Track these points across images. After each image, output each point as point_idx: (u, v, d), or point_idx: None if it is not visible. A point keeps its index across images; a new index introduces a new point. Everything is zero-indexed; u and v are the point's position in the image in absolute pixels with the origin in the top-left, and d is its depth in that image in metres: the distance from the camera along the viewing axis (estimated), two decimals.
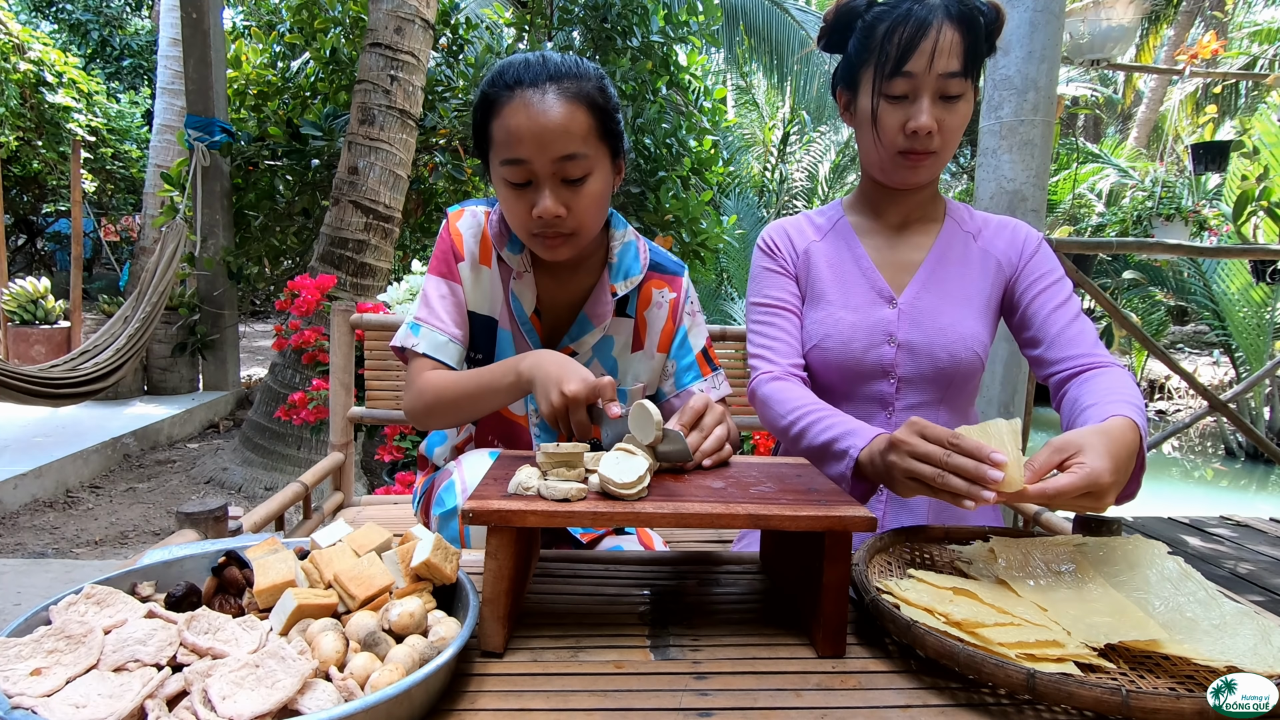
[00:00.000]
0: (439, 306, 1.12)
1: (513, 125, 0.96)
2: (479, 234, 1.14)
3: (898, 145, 1.04)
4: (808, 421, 1.00)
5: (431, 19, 4.12)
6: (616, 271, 1.15)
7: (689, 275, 1.25)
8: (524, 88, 0.96)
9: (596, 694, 0.63)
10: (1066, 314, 1.09)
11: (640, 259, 1.17)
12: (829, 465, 0.95)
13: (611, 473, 0.71)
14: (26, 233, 9.57)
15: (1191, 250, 3.23)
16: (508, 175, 0.99)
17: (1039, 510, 1.34)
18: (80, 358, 4.12)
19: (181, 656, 0.58)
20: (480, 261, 1.14)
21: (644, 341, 1.19)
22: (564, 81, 0.97)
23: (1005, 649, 0.63)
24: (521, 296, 1.13)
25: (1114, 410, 0.86)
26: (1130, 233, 3.82)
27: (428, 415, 1.08)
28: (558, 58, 1.00)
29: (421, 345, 1.10)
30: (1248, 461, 6.86)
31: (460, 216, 1.15)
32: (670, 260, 1.22)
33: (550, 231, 1.01)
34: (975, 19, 1.01)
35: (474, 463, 1.07)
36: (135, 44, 10.06)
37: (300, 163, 4.79)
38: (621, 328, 1.18)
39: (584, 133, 0.97)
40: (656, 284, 1.19)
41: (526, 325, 1.14)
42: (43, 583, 2.66)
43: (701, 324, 1.24)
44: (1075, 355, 1.05)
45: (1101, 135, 12.36)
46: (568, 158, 0.97)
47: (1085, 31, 3.44)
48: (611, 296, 1.15)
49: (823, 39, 1.13)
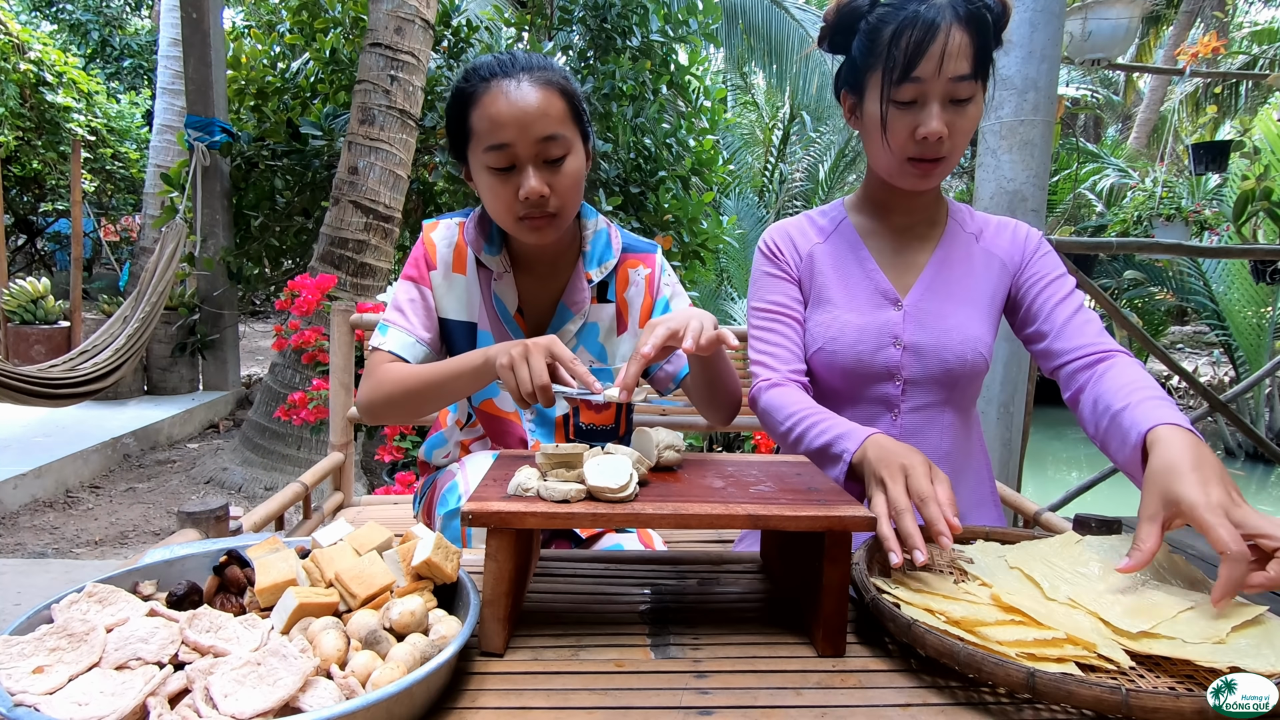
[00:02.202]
0: (408, 309, 1.15)
1: (494, 112, 1.00)
2: (453, 243, 1.18)
3: (907, 151, 1.02)
4: (804, 427, 1.00)
5: (431, 19, 4.13)
6: (591, 259, 1.18)
7: (662, 254, 1.27)
8: (499, 79, 1.02)
9: (597, 692, 0.63)
10: (1070, 306, 1.08)
11: (613, 244, 1.20)
12: (827, 468, 0.95)
13: (598, 479, 0.71)
14: (26, 233, 9.57)
15: (1192, 250, 3.23)
16: (491, 161, 1.03)
17: (1039, 510, 1.35)
18: (80, 358, 4.12)
19: (183, 655, 0.58)
20: (454, 270, 1.17)
21: (627, 322, 1.22)
22: (535, 71, 1.03)
23: (1005, 648, 0.63)
24: (504, 296, 1.16)
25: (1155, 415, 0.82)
26: (1131, 233, 3.83)
27: (386, 405, 1.08)
28: (523, 54, 1.06)
29: (389, 344, 1.12)
30: (1248, 461, 6.86)
31: (435, 228, 1.19)
32: (641, 241, 1.25)
33: (536, 213, 1.04)
34: (984, 17, 0.98)
35: (478, 463, 1.07)
36: (135, 44, 10.06)
37: (300, 163, 4.79)
38: (604, 313, 1.20)
39: (560, 115, 1.03)
40: (631, 264, 1.22)
41: (511, 324, 1.17)
42: (43, 583, 2.66)
43: (682, 293, 1.25)
44: (1083, 344, 1.04)
45: (1101, 135, 12.36)
46: (549, 138, 1.01)
47: (1086, 31, 3.44)
48: (588, 283, 1.18)
49: (824, 40, 1.11)
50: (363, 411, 1.12)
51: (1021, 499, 1.41)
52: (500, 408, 1.21)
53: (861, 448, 0.90)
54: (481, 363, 0.98)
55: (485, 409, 1.21)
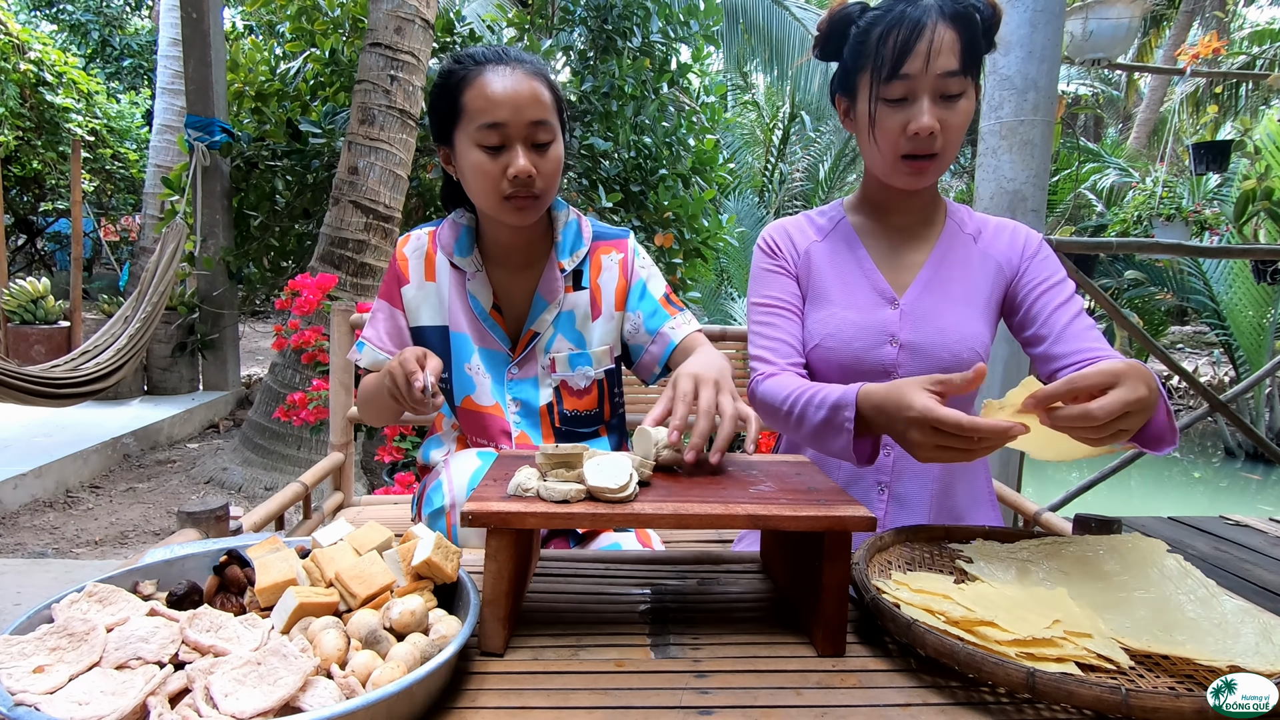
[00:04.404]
0: (380, 327, 1.25)
1: (489, 92, 1.05)
2: (424, 254, 1.23)
3: (900, 149, 1.04)
4: (803, 402, 1.00)
5: (431, 19, 4.12)
6: (563, 249, 1.22)
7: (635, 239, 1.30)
8: (494, 64, 1.07)
9: (597, 692, 0.63)
10: (1069, 311, 1.09)
11: (584, 233, 1.25)
12: (833, 438, 0.95)
13: (598, 480, 0.71)
14: (26, 233, 9.57)
15: (1192, 250, 3.23)
16: (483, 139, 1.06)
17: (1039, 510, 1.35)
18: (81, 358, 4.12)
19: (183, 654, 0.58)
20: (426, 279, 1.23)
21: (601, 307, 1.24)
22: (525, 63, 1.09)
23: (1005, 648, 0.63)
24: (479, 295, 1.20)
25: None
26: (1131, 233, 3.82)
27: (361, 414, 1.31)
28: (511, 48, 1.12)
29: (363, 360, 1.25)
30: (1248, 461, 6.86)
31: (406, 242, 1.24)
32: (612, 229, 1.29)
33: (523, 192, 1.08)
34: (971, 16, 1.00)
35: (461, 463, 1.08)
36: (135, 44, 10.05)
37: (300, 163, 4.79)
38: (579, 301, 1.23)
39: (548, 104, 1.08)
40: (604, 250, 1.25)
41: (488, 320, 1.21)
42: (43, 582, 2.66)
43: (658, 274, 1.28)
44: (1081, 349, 1.04)
45: (1102, 135, 12.36)
46: (539, 123, 1.07)
47: (1086, 30, 3.44)
48: (561, 273, 1.21)
49: (818, 47, 1.14)
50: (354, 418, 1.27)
51: (1021, 499, 1.41)
52: (478, 403, 1.22)
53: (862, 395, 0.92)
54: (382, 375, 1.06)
55: (466, 406, 1.23)
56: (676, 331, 1.21)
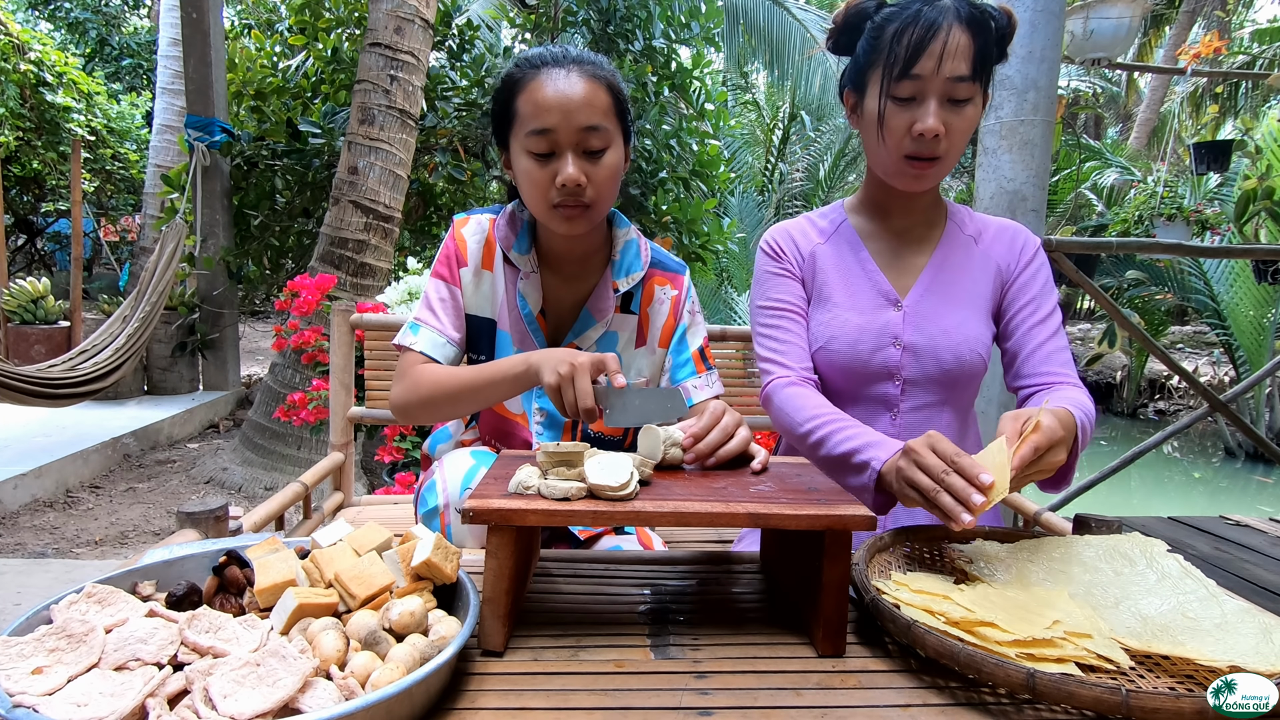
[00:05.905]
0: (439, 309, 1.16)
1: (539, 97, 1.02)
2: (483, 240, 1.18)
3: (904, 149, 1.04)
4: (826, 431, 1.00)
5: (431, 19, 4.12)
6: (619, 268, 1.18)
7: (690, 276, 1.27)
8: (549, 67, 1.03)
9: (597, 693, 0.63)
10: (1045, 330, 1.11)
11: (642, 256, 1.20)
12: (849, 477, 0.95)
13: (599, 478, 0.71)
14: (26, 233, 9.57)
15: (1193, 250, 3.22)
16: (532, 146, 1.03)
17: (1039, 510, 1.35)
18: (80, 357, 4.12)
19: (182, 655, 0.58)
20: (483, 267, 1.18)
21: (647, 337, 1.21)
22: (585, 64, 1.05)
23: (1005, 649, 0.63)
24: (528, 296, 1.16)
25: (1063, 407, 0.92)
26: (1132, 232, 3.82)
27: (421, 407, 1.10)
28: (575, 49, 1.07)
29: (420, 344, 1.14)
30: (1248, 461, 6.86)
31: (466, 224, 1.19)
32: (672, 260, 1.25)
33: (571, 201, 1.04)
34: (986, 23, 1.00)
35: (454, 462, 1.07)
36: (135, 44, 10.05)
37: (300, 162, 4.79)
38: (626, 324, 1.20)
39: (605, 108, 1.04)
40: (659, 281, 1.22)
41: (533, 324, 1.16)
42: (43, 583, 2.66)
43: (701, 323, 1.25)
44: (1044, 373, 1.08)
45: (1102, 135, 12.36)
46: (590, 129, 1.02)
47: (1087, 30, 3.44)
48: (614, 292, 1.17)
49: (831, 40, 1.13)
50: (397, 412, 1.13)
51: (1021, 499, 1.41)
52: (508, 409, 1.21)
53: (891, 459, 0.90)
54: (523, 371, 0.99)
55: (494, 408, 1.21)
56: (698, 392, 1.19)
